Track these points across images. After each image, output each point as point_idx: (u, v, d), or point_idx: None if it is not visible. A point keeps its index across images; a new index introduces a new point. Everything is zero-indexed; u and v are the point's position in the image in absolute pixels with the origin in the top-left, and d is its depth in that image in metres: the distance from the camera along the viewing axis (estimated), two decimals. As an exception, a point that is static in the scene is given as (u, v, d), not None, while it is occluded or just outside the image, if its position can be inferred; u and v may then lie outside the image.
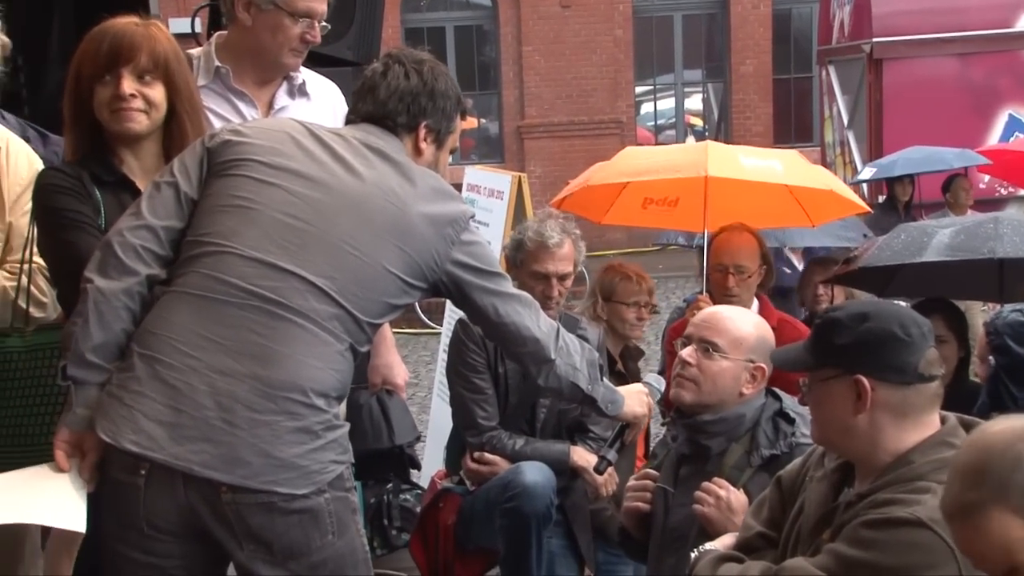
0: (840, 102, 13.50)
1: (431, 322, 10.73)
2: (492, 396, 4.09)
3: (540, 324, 2.88)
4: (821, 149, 14.48)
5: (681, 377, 3.11)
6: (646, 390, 3.32)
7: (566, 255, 4.12)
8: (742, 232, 4.78)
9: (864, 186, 11.38)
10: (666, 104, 18.91)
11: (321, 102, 3.53)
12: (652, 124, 18.91)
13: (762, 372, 3.09)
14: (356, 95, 2.87)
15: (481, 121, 18.23)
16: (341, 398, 2.69)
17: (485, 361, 4.09)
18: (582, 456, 4.05)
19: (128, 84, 2.83)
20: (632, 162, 5.63)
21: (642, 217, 5.96)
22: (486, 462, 4.06)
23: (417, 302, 3.05)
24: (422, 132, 2.84)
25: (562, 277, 4.11)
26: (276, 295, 2.57)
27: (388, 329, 3.57)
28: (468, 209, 2.87)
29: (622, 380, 4.02)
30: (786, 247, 8.02)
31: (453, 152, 2.98)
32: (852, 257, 4.98)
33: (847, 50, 13.09)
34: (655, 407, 3.54)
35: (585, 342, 3.13)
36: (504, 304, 2.84)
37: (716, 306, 3.63)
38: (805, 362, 2.48)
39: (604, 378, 3.08)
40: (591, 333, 4.19)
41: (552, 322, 2.95)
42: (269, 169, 2.67)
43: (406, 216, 2.69)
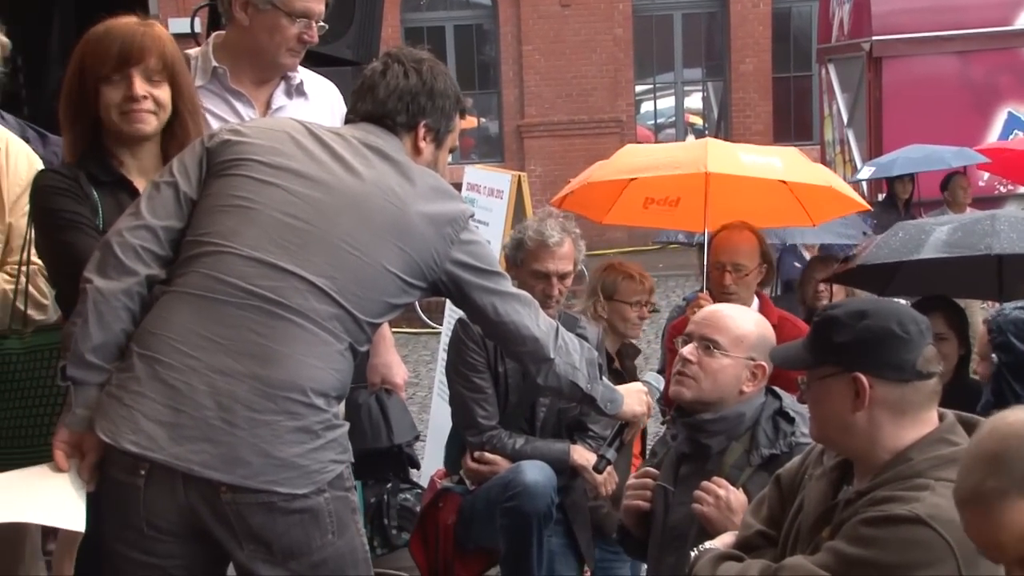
0: (840, 100, 13.50)
1: (431, 321, 10.73)
2: (492, 395, 4.09)
3: (539, 323, 2.88)
4: (821, 147, 14.48)
5: (682, 375, 3.10)
6: (645, 389, 3.32)
7: (566, 254, 4.12)
8: (742, 230, 4.78)
9: (864, 184, 11.38)
10: (666, 103, 18.91)
11: (319, 102, 3.53)
12: (652, 123, 18.91)
13: (763, 370, 3.09)
14: (355, 94, 2.87)
15: (481, 120, 18.23)
16: (341, 398, 2.69)
17: (485, 360, 4.08)
18: (582, 455, 4.05)
19: (140, 85, 2.84)
20: (632, 159, 5.63)
21: (643, 217, 5.96)
22: (486, 461, 4.06)
23: (417, 301, 3.05)
24: (421, 131, 2.84)
25: (562, 276, 4.11)
26: (276, 295, 2.57)
27: (387, 328, 3.56)
28: (467, 208, 2.87)
29: (619, 378, 4.02)
30: (799, 243, 8.03)
31: (452, 151, 2.98)
32: (851, 255, 4.98)
33: (847, 48, 13.09)
34: (654, 406, 3.54)
35: (584, 341, 3.13)
36: (503, 303, 2.84)
37: (717, 304, 3.63)
38: (804, 360, 2.48)
39: (603, 377, 3.08)
40: (590, 332, 4.19)
41: (551, 321, 2.95)
42: (269, 169, 2.67)
43: (405, 215, 2.69)
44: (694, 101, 19.19)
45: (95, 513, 2.59)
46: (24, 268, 3.10)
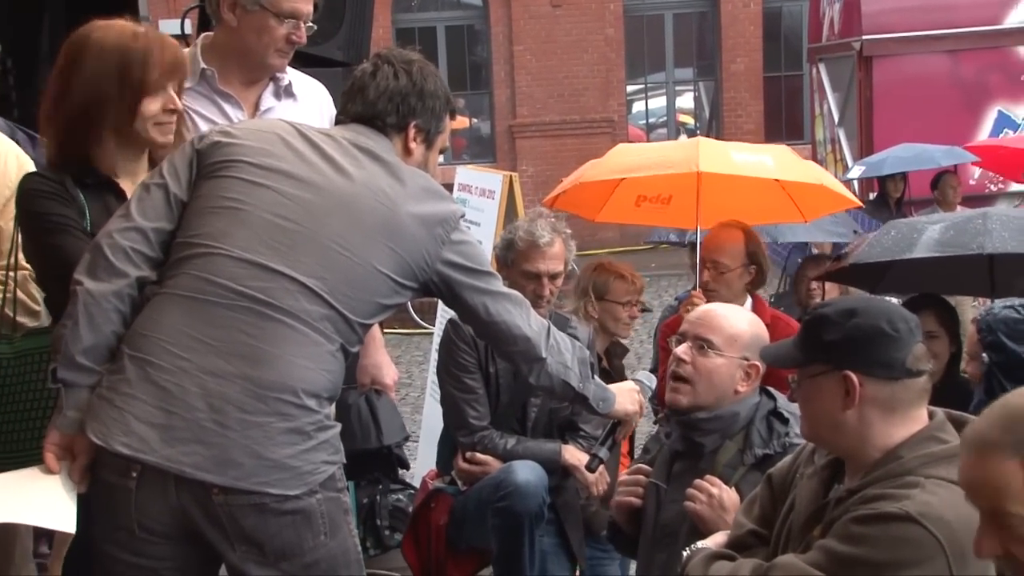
0: (831, 100, 13.51)
1: (424, 322, 10.73)
2: (483, 396, 4.09)
3: (531, 323, 2.88)
4: (812, 147, 14.51)
5: (676, 379, 3.10)
6: (637, 388, 3.32)
7: (557, 254, 4.12)
8: (729, 229, 4.79)
9: (855, 183, 11.40)
10: (657, 103, 18.93)
11: (308, 102, 3.53)
12: (644, 123, 18.92)
13: (756, 370, 3.09)
14: (345, 96, 2.87)
15: (473, 121, 18.23)
16: (332, 399, 2.69)
17: (476, 361, 4.08)
18: (573, 455, 4.05)
19: (179, 99, 2.87)
20: (625, 159, 5.64)
21: (635, 215, 5.98)
22: (477, 462, 4.06)
23: (409, 302, 3.05)
24: (411, 132, 2.84)
25: (553, 276, 4.11)
26: (266, 296, 2.57)
27: (377, 329, 3.56)
28: (458, 208, 2.87)
29: (607, 377, 4.02)
30: (810, 242, 8.05)
31: (443, 152, 2.98)
32: (844, 254, 4.99)
33: (837, 48, 13.11)
34: (647, 404, 3.54)
35: (576, 340, 3.13)
36: (495, 303, 2.84)
37: (711, 304, 3.64)
38: (794, 358, 2.48)
39: (595, 376, 3.08)
40: (581, 332, 4.19)
41: (543, 320, 2.95)
42: (259, 170, 2.67)
43: (396, 216, 2.69)
44: (685, 101, 19.20)
45: (86, 515, 2.58)
46: (12, 274, 3.08)
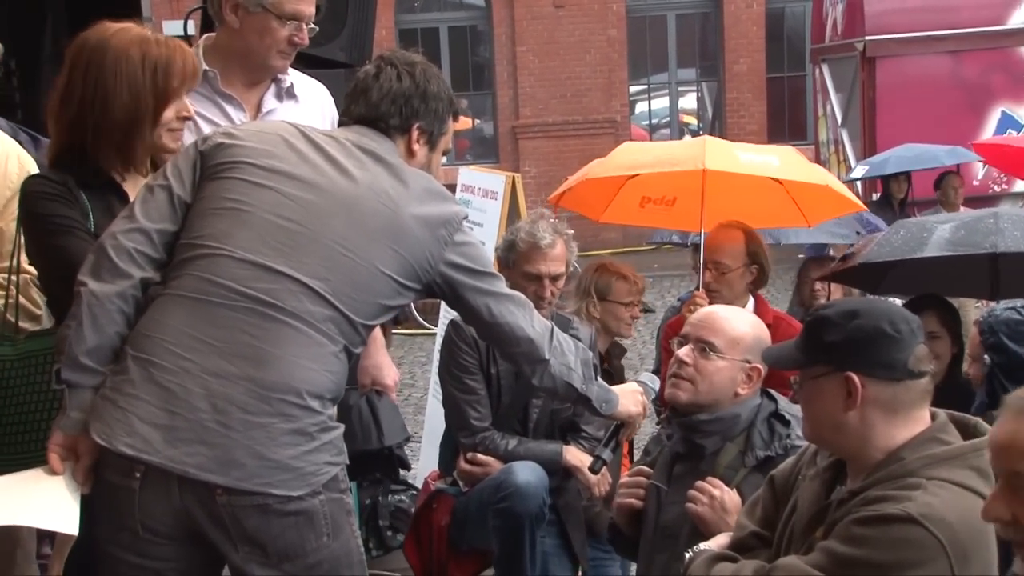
0: (834, 100, 13.53)
1: (426, 323, 10.72)
2: (484, 397, 4.09)
3: (534, 324, 2.88)
4: (815, 147, 14.51)
5: (677, 376, 3.10)
6: (640, 389, 3.32)
7: (558, 255, 4.12)
8: (729, 229, 4.78)
9: (858, 184, 11.40)
10: (660, 103, 18.91)
11: (310, 104, 3.53)
12: (647, 123, 18.91)
13: (758, 372, 3.09)
14: (349, 97, 2.88)
15: (476, 122, 18.23)
16: (335, 400, 2.69)
17: (477, 362, 4.09)
18: (575, 456, 4.05)
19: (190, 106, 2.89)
20: (630, 156, 5.63)
21: (640, 216, 5.97)
22: (479, 463, 4.06)
23: (412, 303, 3.05)
24: (415, 134, 2.84)
25: (554, 278, 4.11)
26: (269, 297, 2.58)
27: (378, 330, 3.56)
28: (461, 210, 2.87)
29: (607, 377, 4.02)
30: (828, 247, 8.05)
31: (446, 153, 2.99)
32: (850, 254, 4.97)
33: (840, 48, 13.12)
34: (650, 406, 3.55)
35: (578, 341, 3.13)
36: (498, 304, 2.84)
37: (713, 306, 3.64)
38: (796, 360, 2.48)
39: (598, 377, 3.08)
40: (583, 332, 4.20)
41: (546, 322, 2.95)
42: (262, 171, 2.67)
43: (399, 218, 2.69)
44: (688, 101, 19.19)
45: (89, 516, 2.58)
46: (14, 277, 3.08)
